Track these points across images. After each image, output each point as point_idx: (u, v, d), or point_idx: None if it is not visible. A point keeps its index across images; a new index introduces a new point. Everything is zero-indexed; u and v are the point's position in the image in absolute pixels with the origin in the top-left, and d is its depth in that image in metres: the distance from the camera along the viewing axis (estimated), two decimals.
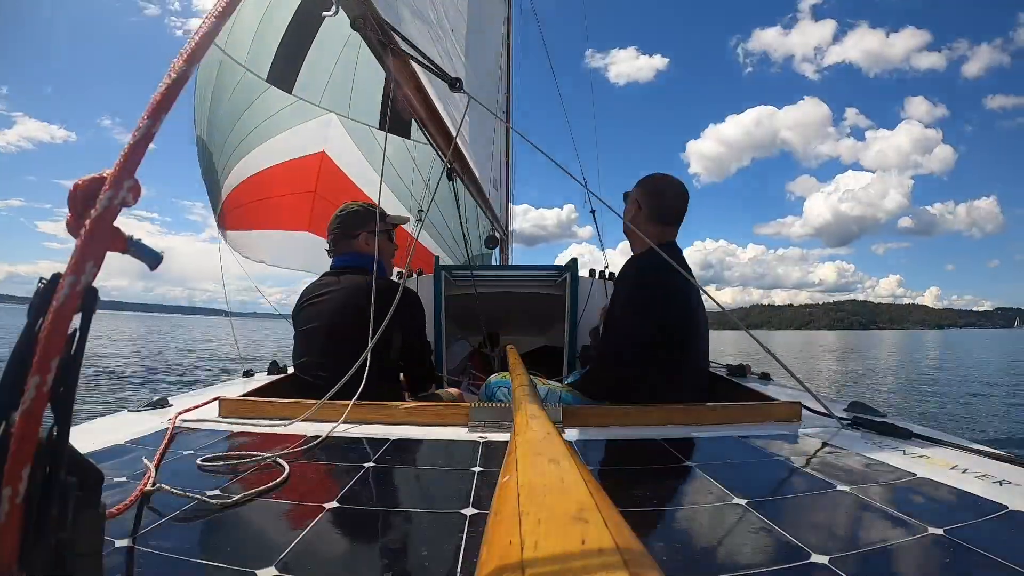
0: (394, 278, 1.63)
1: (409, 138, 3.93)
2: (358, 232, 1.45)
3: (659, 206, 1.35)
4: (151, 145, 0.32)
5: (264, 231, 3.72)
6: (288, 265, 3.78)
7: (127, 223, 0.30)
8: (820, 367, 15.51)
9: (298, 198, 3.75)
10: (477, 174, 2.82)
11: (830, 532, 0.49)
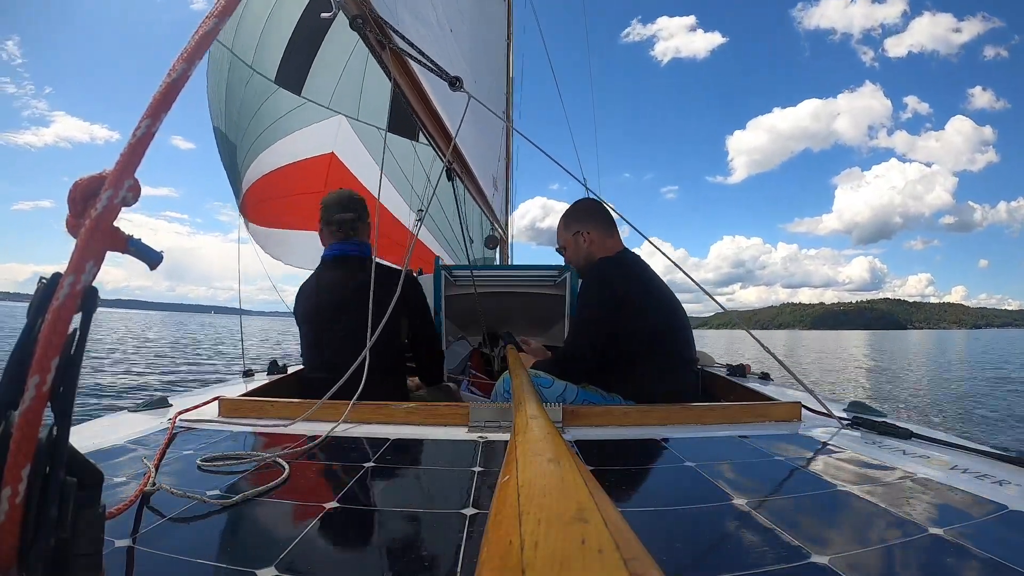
0: None
1: (416, 139, 3.94)
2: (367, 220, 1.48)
3: (605, 218, 1.46)
4: (170, 141, 0.32)
5: (282, 230, 3.79)
6: (301, 264, 3.84)
7: (156, 224, 0.31)
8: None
9: (308, 198, 3.80)
10: (477, 174, 2.82)
11: (830, 532, 0.49)
